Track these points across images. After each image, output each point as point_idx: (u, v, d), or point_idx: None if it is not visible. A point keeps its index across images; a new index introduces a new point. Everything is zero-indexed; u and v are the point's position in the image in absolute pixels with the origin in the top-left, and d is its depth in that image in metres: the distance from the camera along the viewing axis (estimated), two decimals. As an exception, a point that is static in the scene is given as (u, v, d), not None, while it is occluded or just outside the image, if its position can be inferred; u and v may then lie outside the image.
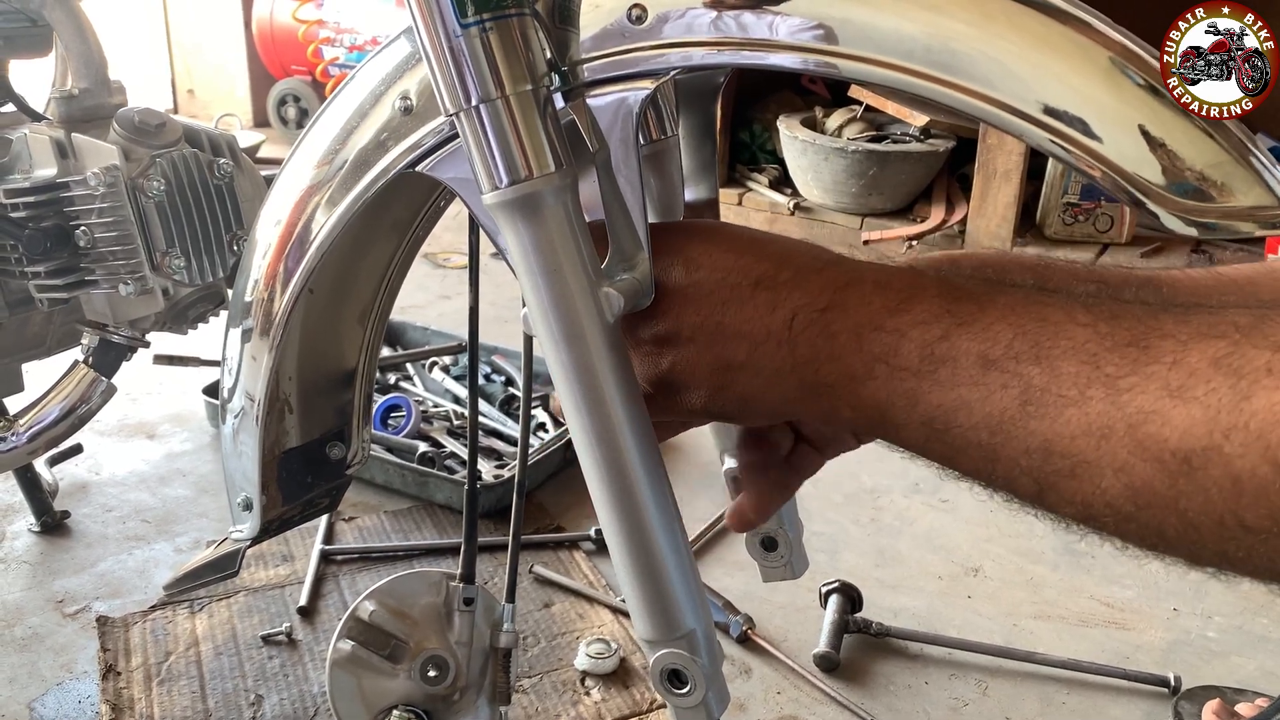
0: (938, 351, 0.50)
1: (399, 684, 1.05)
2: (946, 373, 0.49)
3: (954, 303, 0.51)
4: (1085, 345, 0.46)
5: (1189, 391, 0.42)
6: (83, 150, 1.10)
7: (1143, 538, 0.46)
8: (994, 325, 0.49)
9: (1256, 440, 0.40)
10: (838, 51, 0.55)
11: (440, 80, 0.59)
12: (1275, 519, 0.40)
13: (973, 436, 0.49)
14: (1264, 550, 0.42)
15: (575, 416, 0.62)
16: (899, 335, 0.51)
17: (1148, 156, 0.49)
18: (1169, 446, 0.42)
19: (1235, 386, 0.41)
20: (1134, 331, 0.45)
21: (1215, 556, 0.44)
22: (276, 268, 0.81)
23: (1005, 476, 0.49)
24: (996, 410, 0.47)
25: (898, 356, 0.51)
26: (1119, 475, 0.44)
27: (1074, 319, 0.47)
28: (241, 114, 4.87)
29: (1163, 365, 0.43)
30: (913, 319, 0.51)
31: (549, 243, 0.60)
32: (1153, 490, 0.43)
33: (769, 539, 0.86)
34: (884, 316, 0.52)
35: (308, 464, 0.94)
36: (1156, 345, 0.44)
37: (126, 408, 2.18)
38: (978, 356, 0.48)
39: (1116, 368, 0.44)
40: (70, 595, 1.59)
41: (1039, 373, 0.46)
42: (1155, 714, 1.40)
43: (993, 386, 0.48)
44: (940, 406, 0.50)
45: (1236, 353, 0.42)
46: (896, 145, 2.68)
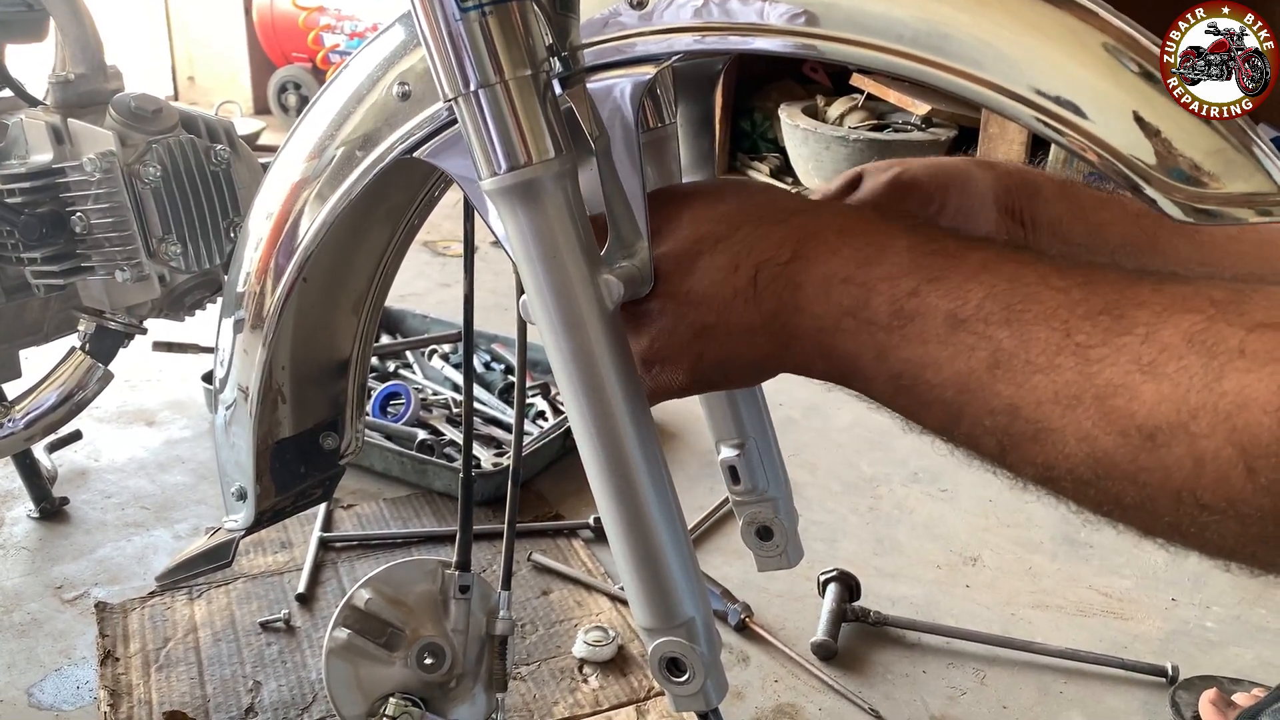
0: (907, 307, 0.49)
1: (395, 671, 1.05)
2: (915, 329, 0.49)
3: (925, 256, 0.50)
4: (1057, 311, 0.45)
5: (1160, 367, 0.42)
6: (79, 136, 1.09)
7: (1099, 504, 0.46)
8: (965, 283, 0.48)
9: (1224, 422, 0.40)
10: (820, 34, 0.55)
11: (439, 65, 0.59)
12: (1231, 500, 0.40)
13: (939, 394, 0.49)
14: (1216, 528, 0.42)
15: (574, 404, 0.62)
16: (867, 289, 0.51)
17: (1144, 142, 0.49)
18: (1135, 421, 0.42)
19: (1207, 366, 0.41)
20: (1107, 299, 0.45)
21: (1167, 529, 0.44)
22: (269, 260, 0.80)
23: (969, 434, 0.49)
24: (964, 370, 0.47)
25: (866, 310, 0.51)
26: (1082, 444, 0.44)
27: (1048, 282, 0.47)
28: (242, 101, 4.86)
29: (1135, 338, 0.43)
30: (882, 272, 0.51)
31: (548, 229, 0.60)
32: (1114, 461, 0.43)
33: (764, 528, 0.86)
34: (852, 268, 0.52)
35: (301, 454, 0.93)
36: (1130, 315, 0.44)
37: (126, 394, 2.18)
38: (947, 315, 0.48)
39: (1088, 336, 0.44)
40: (69, 581, 1.59)
41: (1009, 336, 0.46)
42: (1152, 703, 1.41)
43: (961, 346, 0.47)
44: (908, 362, 0.49)
45: (1211, 329, 0.41)
46: (898, 134, 2.67)
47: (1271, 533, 0.40)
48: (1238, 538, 0.42)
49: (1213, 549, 0.44)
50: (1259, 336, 0.40)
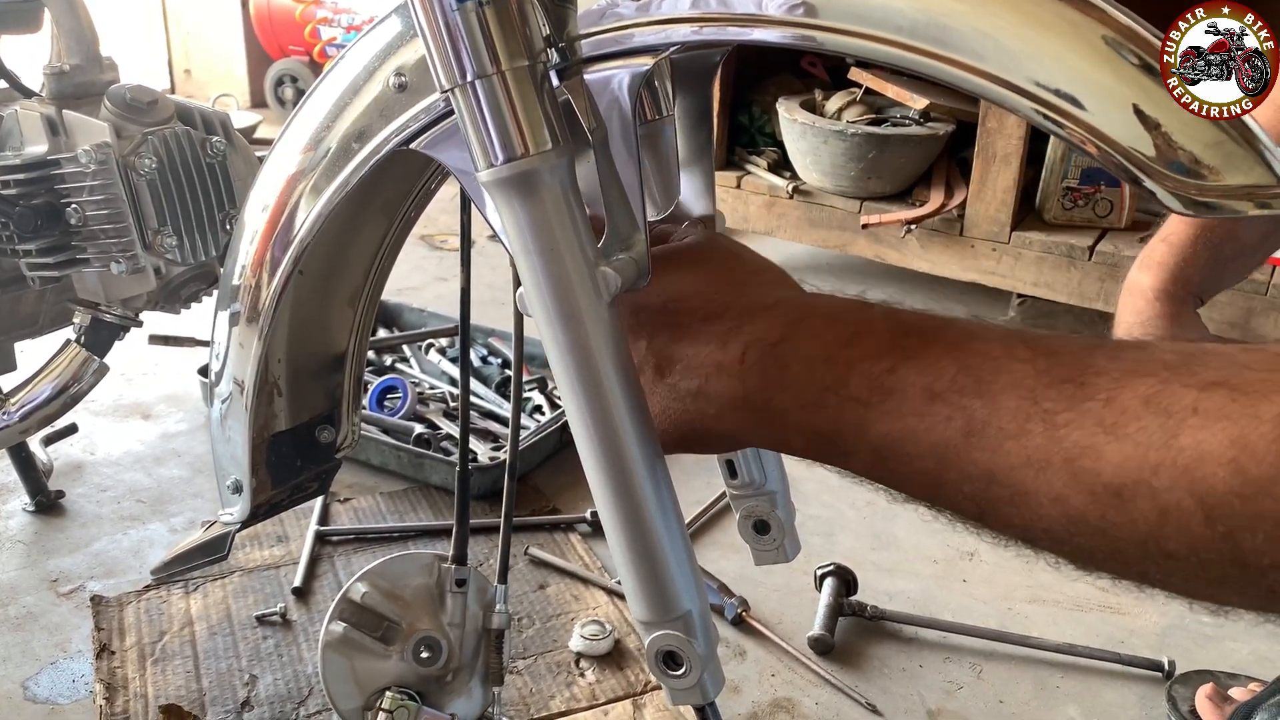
0: (885, 383, 0.52)
1: (392, 665, 1.05)
2: (894, 404, 0.51)
3: (901, 336, 0.53)
4: (1024, 380, 0.48)
5: (1121, 429, 0.44)
6: (74, 127, 1.09)
7: (1074, 557, 0.49)
8: (939, 360, 0.51)
9: (1183, 476, 0.42)
10: (818, 25, 0.55)
11: (435, 56, 0.59)
12: (1193, 548, 0.43)
13: (919, 464, 0.51)
14: (1180, 573, 0.45)
15: (571, 397, 0.61)
16: (848, 366, 0.53)
17: (1143, 134, 0.49)
18: (1101, 480, 0.45)
19: (1164, 425, 0.43)
20: (1069, 368, 0.47)
21: (1137, 575, 0.47)
22: (264, 253, 0.80)
23: (949, 500, 0.52)
24: (941, 440, 0.50)
25: (847, 387, 0.53)
26: (1055, 504, 0.46)
27: (1014, 354, 0.49)
28: (239, 94, 4.84)
29: (1097, 403, 0.45)
30: (862, 352, 0.53)
31: (545, 221, 0.59)
32: (1085, 518, 0.46)
33: (761, 522, 0.86)
34: (834, 348, 0.54)
35: (297, 447, 0.93)
36: (1091, 382, 0.46)
37: (122, 388, 2.18)
38: (923, 389, 0.50)
39: (1054, 403, 0.47)
40: (65, 575, 1.59)
41: (981, 406, 0.49)
42: (1149, 698, 1.41)
43: (937, 418, 0.50)
44: (888, 435, 0.52)
45: (1165, 391, 0.44)
46: (896, 129, 2.67)
47: (1229, 574, 0.43)
48: (1200, 581, 0.45)
49: (1178, 591, 0.47)
50: (1209, 395, 0.43)
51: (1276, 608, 0.45)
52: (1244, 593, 0.44)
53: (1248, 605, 0.46)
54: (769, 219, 2.86)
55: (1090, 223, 2.58)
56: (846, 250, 2.78)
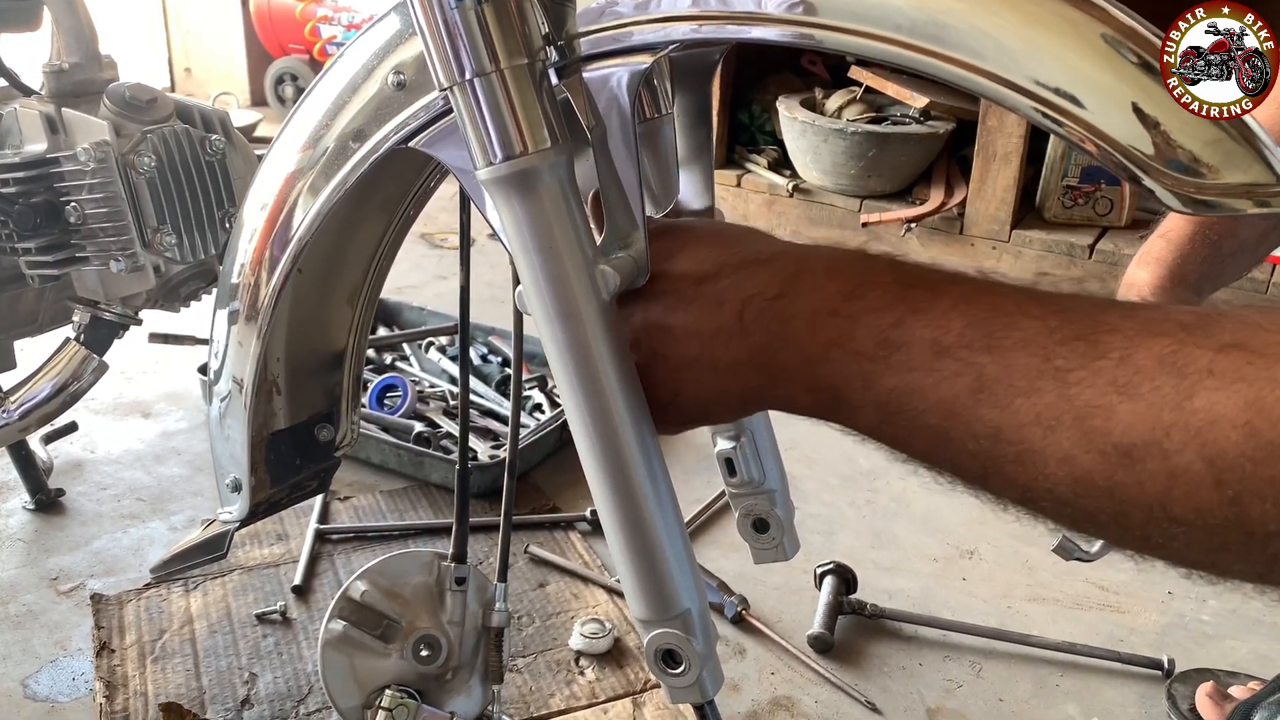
0: (892, 337, 0.51)
1: (391, 663, 1.05)
2: (900, 358, 0.50)
3: (908, 289, 0.52)
4: (1036, 337, 0.47)
5: (1135, 388, 0.44)
6: (73, 125, 1.09)
7: (1075, 521, 0.48)
8: (948, 313, 0.50)
9: (1194, 438, 0.42)
10: (818, 23, 0.54)
11: (434, 54, 0.59)
12: (1200, 512, 0.42)
13: (925, 420, 0.50)
14: (1183, 539, 0.44)
15: (570, 396, 0.61)
16: (853, 320, 0.52)
17: (1142, 133, 0.49)
18: (1112, 440, 0.44)
19: (1178, 386, 0.43)
20: (1082, 325, 0.47)
21: (1138, 540, 0.46)
22: (263, 251, 0.80)
23: (953, 459, 0.51)
24: (949, 396, 0.49)
25: (852, 341, 0.52)
26: (1062, 464, 0.46)
27: (1025, 311, 0.48)
28: (239, 93, 4.84)
29: (1110, 361, 0.45)
30: (867, 305, 0.52)
31: (544, 219, 0.59)
32: (1092, 479, 0.45)
33: (760, 520, 0.86)
34: (838, 301, 0.53)
35: (296, 446, 0.93)
36: (1105, 340, 0.45)
37: (122, 386, 2.18)
38: (931, 343, 0.50)
39: (1066, 360, 0.46)
40: (65, 573, 1.59)
41: (991, 362, 0.48)
42: (1149, 697, 1.41)
43: (945, 373, 0.49)
44: (894, 390, 0.51)
45: (1181, 352, 0.43)
46: (896, 127, 2.66)
47: (1233, 541, 0.42)
48: (1203, 547, 0.44)
49: (1179, 558, 0.46)
50: (1225, 357, 0.42)
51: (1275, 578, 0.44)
52: (1246, 559, 0.43)
53: (1247, 573, 0.45)
54: (769, 217, 2.86)
55: (1090, 221, 2.58)
56: (846, 249, 2.78)
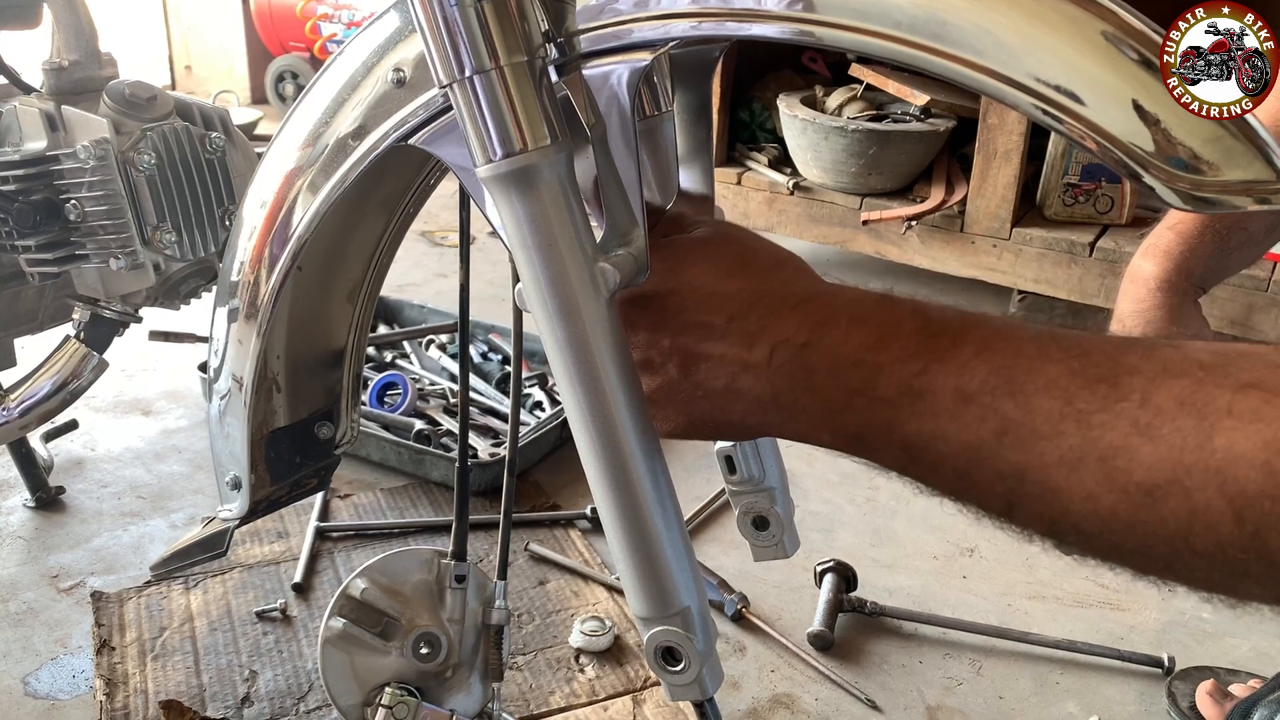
0: (916, 385, 0.52)
1: (391, 661, 1.05)
2: (924, 405, 0.52)
3: (930, 338, 0.53)
4: (1058, 380, 0.49)
5: (1156, 430, 0.45)
6: (73, 123, 1.09)
7: (1100, 553, 0.50)
8: (970, 360, 0.51)
9: (1215, 477, 0.43)
10: (817, 20, 0.54)
11: (434, 51, 0.58)
12: (1221, 546, 0.44)
13: (950, 463, 0.52)
14: (1204, 569, 0.46)
15: (570, 393, 0.61)
16: (877, 370, 0.54)
17: (1143, 130, 0.49)
18: (1134, 479, 0.45)
19: (1199, 427, 0.44)
20: (1103, 368, 0.48)
21: (1161, 570, 0.48)
22: (263, 249, 0.80)
23: (978, 497, 0.53)
24: (974, 440, 0.50)
25: (875, 390, 0.54)
26: (1086, 502, 0.47)
27: (1046, 354, 0.50)
28: (239, 91, 4.84)
29: (1131, 403, 0.46)
30: (890, 355, 0.54)
31: (544, 216, 0.59)
32: (1116, 516, 0.47)
33: (760, 518, 0.86)
34: (862, 352, 0.55)
35: (296, 444, 0.93)
36: (1125, 382, 0.47)
37: (122, 384, 2.18)
38: (955, 391, 0.51)
39: (1088, 403, 0.47)
40: (65, 570, 1.59)
41: (1014, 407, 0.49)
42: (1149, 694, 1.41)
43: (969, 419, 0.50)
44: (918, 435, 0.52)
45: (1200, 392, 0.45)
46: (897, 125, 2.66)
47: (1253, 570, 0.44)
48: (1223, 575, 0.46)
49: (1200, 585, 0.48)
50: (1244, 397, 0.44)
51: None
52: (1264, 585, 0.45)
53: (1265, 597, 0.46)
54: (769, 215, 2.86)
55: (1091, 219, 2.58)
56: (847, 247, 2.77)
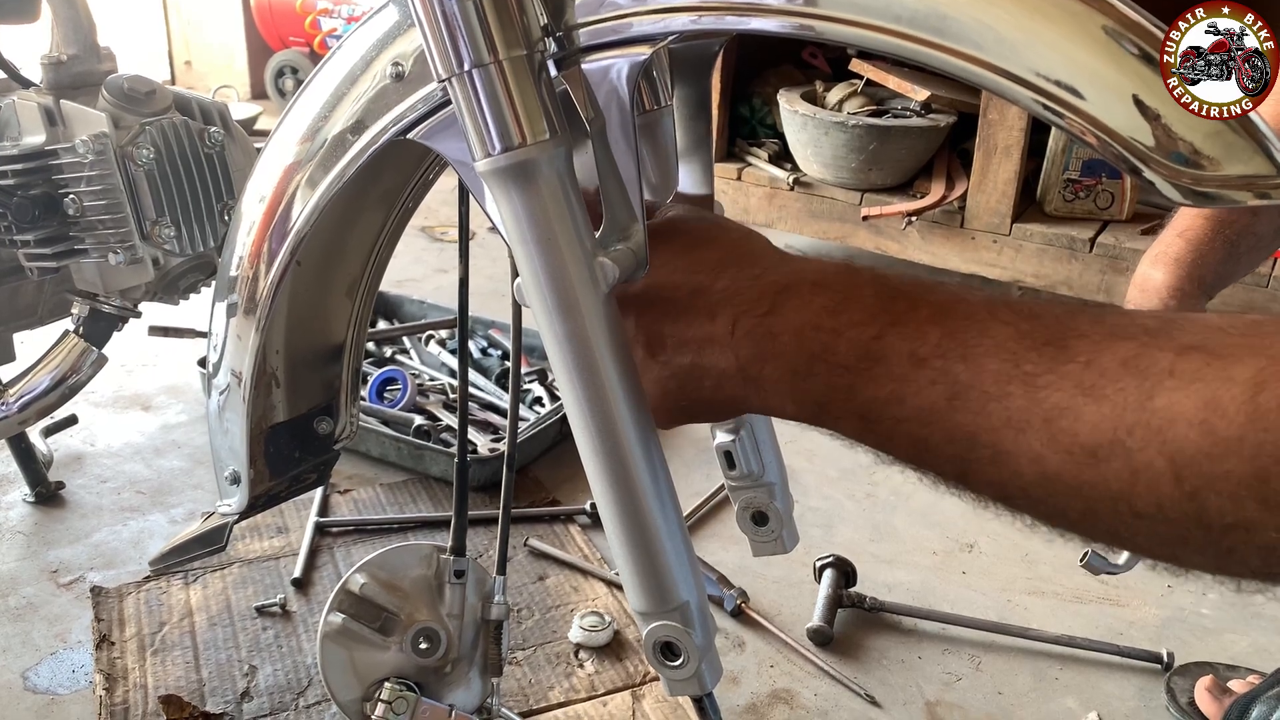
0: (872, 350, 0.53)
1: (390, 656, 1.05)
2: (881, 369, 0.53)
3: (887, 301, 0.54)
4: (1006, 344, 0.49)
5: (1099, 390, 0.46)
6: (71, 117, 1.08)
7: (1049, 517, 0.51)
8: (924, 325, 0.52)
9: (1155, 436, 0.44)
10: (818, 14, 0.54)
11: (432, 45, 0.58)
12: (1161, 506, 0.45)
13: (904, 427, 0.53)
14: (1148, 532, 0.46)
15: (569, 388, 0.61)
16: (836, 334, 0.54)
17: (1143, 125, 0.48)
18: (1078, 440, 0.46)
19: (1140, 386, 0.45)
20: (1051, 330, 0.49)
21: (1107, 535, 0.49)
22: (262, 244, 0.80)
23: (933, 462, 0.53)
24: (926, 404, 0.51)
25: (835, 354, 0.54)
26: (1033, 464, 0.48)
27: (997, 317, 0.51)
28: (239, 86, 4.83)
29: (1077, 365, 0.47)
30: (849, 319, 0.54)
31: (543, 211, 0.59)
32: (1061, 478, 0.47)
33: (760, 513, 0.86)
34: (823, 316, 0.55)
35: (295, 439, 0.93)
36: (1072, 345, 0.48)
37: (122, 379, 2.18)
38: (909, 354, 0.52)
39: (1035, 365, 0.48)
40: (65, 565, 1.59)
41: (965, 369, 0.50)
42: (1148, 690, 1.41)
43: (922, 382, 0.51)
44: (874, 400, 0.53)
45: (1144, 354, 0.45)
46: (897, 120, 2.66)
47: (1191, 535, 0.45)
48: (1163, 539, 0.46)
49: (1143, 550, 0.49)
50: (1185, 358, 0.44)
51: (1232, 569, 0.46)
52: (1204, 552, 0.45)
53: (1206, 565, 0.47)
54: (770, 211, 2.86)
55: (1091, 215, 2.58)
56: (847, 242, 2.77)
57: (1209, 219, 1.06)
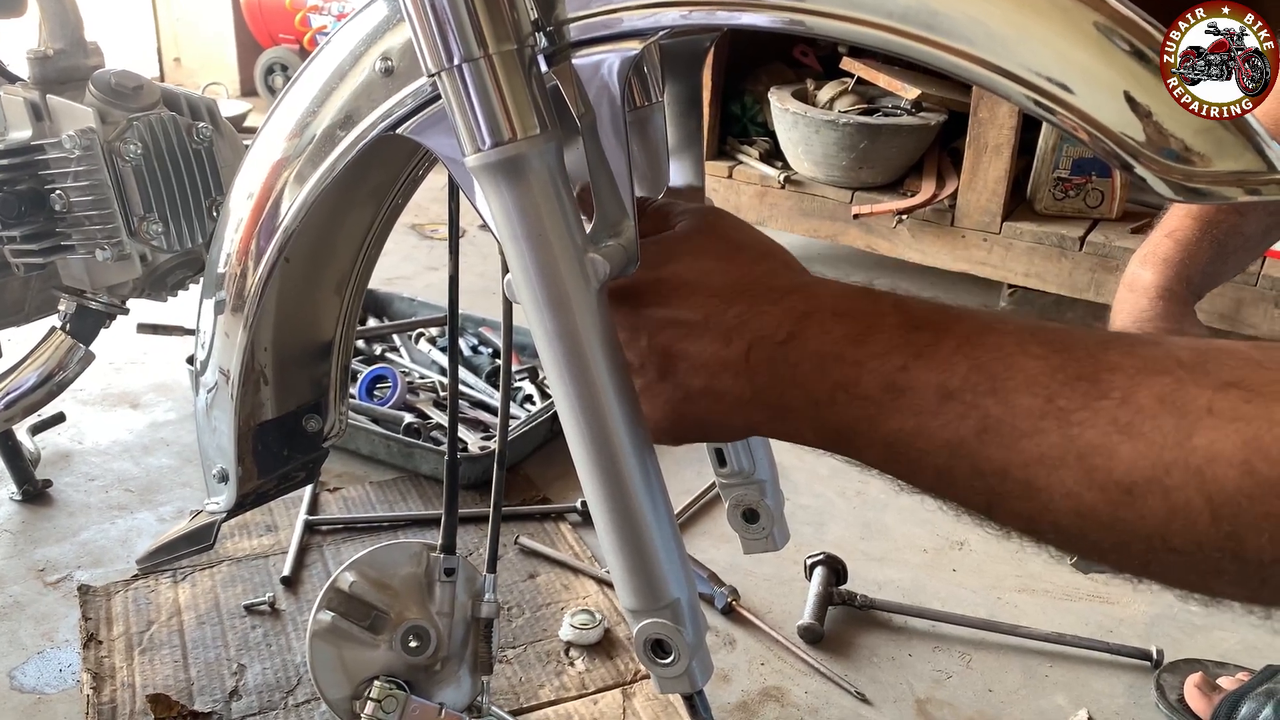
0: (898, 381, 0.52)
1: (380, 654, 1.05)
2: (906, 402, 0.52)
3: (912, 331, 0.53)
4: (1039, 378, 0.49)
5: (1136, 428, 0.45)
6: (58, 112, 1.08)
7: (1079, 550, 0.50)
8: (952, 356, 0.51)
9: (1194, 476, 0.43)
10: (808, 9, 0.54)
11: (422, 39, 0.58)
12: (1198, 543, 0.44)
13: (930, 460, 0.52)
14: (1180, 567, 0.46)
15: (559, 384, 0.61)
16: (859, 366, 0.53)
17: (1134, 120, 0.48)
18: (1114, 477, 0.46)
19: (1179, 425, 0.44)
20: (1084, 365, 0.48)
21: (1138, 568, 0.48)
22: (250, 241, 0.79)
23: (959, 494, 0.52)
24: (955, 438, 0.50)
25: (858, 386, 0.53)
26: (1066, 500, 0.47)
27: (1027, 351, 0.50)
28: (229, 82, 4.81)
29: (1112, 401, 0.46)
30: (872, 350, 0.53)
31: (533, 206, 0.59)
32: (1095, 514, 0.47)
33: (751, 511, 0.86)
34: (844, 346, 0.54)
35: (284, 436, 0.93)
36: (1106, 379, 0.47)
37: (110, 377, 2.17)
38: (936, 388, 0.51)
39: (1068, 401, 0.47)
40: (52, 564, 1.58)
41: (995, 404, 0.49)
42: (1137, 687, 1.41)
43: (951, 416, 0.50)
44: (900, 431, 0.52)
45: (1180, 391, 0.45)
46: (888, 118, 2.66)
47: (1228, 569, 0.44)
48: (1199, 573, 0.46)
49: (1175, 583, 0.48)
50: (1224, 396, 0.44)
51: (1266, 599, 0.46)
52: (1239, 584, 0.45)
53: (1239, 596, 0.47)
54: (760, 209, 2.85)
55: (1081, 213, 2.58)
56: (838, 240, 2.77)
57: (1197, 219, 1.07)
